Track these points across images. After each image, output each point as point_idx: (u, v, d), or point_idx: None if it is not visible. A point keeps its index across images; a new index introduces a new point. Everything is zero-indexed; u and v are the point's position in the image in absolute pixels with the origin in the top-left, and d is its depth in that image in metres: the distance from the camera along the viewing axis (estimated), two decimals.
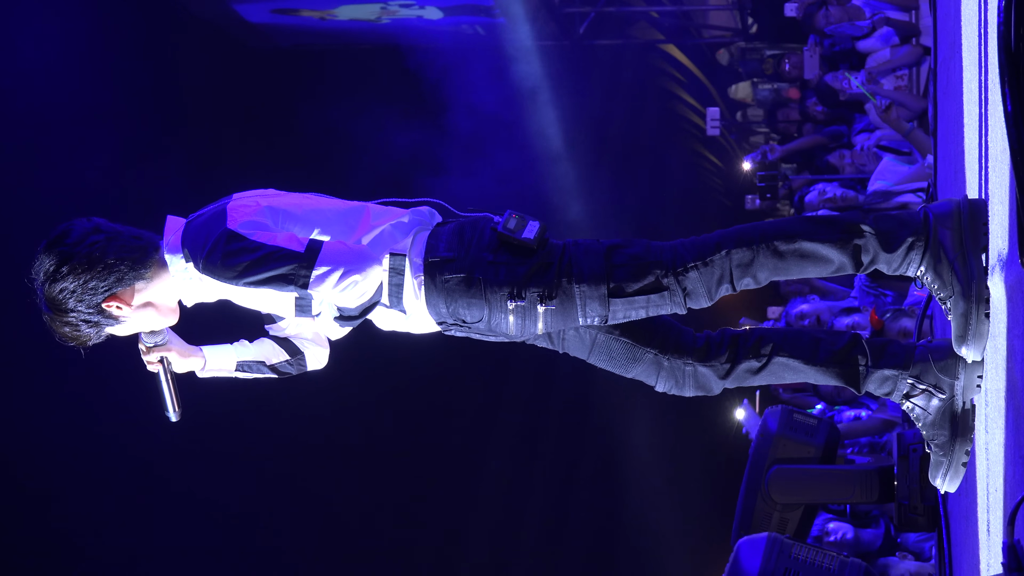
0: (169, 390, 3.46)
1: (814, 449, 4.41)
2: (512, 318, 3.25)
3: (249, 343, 3.58)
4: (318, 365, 3.64)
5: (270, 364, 3.56)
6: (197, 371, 3.52)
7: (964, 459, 3.21)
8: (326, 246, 3.19)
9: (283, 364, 3.58)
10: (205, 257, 3.21)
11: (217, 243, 3.19)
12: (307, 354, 3.60)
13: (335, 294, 3.19)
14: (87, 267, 3.26)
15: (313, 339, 3.61)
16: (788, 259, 3.22)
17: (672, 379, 3.44)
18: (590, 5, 13.66)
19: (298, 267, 3.15)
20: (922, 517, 4.20)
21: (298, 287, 3.16)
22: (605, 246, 3.29)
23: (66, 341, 3.38)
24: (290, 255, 3.16)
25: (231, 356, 3.54)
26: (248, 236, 3.19)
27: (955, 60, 3.89)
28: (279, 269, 3.16)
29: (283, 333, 3.59)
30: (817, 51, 10.43)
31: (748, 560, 4.01)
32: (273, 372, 3.58)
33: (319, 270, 3.15)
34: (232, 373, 3.57)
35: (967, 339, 3.04)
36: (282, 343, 3.59)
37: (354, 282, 3.17)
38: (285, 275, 3.16)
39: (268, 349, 3.57)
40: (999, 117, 2.48)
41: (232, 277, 3.20)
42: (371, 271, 3.19)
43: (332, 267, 3.15)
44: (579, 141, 13.38)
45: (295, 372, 3.62)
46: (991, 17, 2.76)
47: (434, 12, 13.38)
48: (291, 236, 3.22)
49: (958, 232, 3.09)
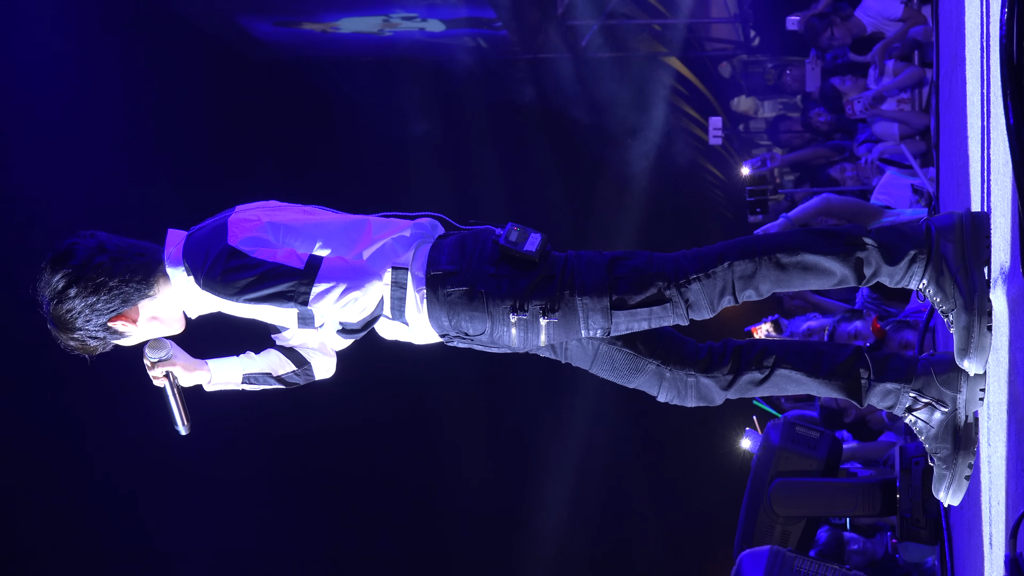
0: (177, 404, 3.44)
1: (816, 462, 4.41)
2: (515, 331, 3.25)
3: (255, 355, 3.58)
4: (325, 375, 3.64)
5: (276, 375, 3.56)
6: (204, 385, 3.52)
7: (967, 472, 3.21)
8: (326, 262, 3.19)
9: (290, 375, 3.58)
10: (205, 273, 3.22)
11: (217, 259, 3.20)
12: (314, 364, 3.60)
13: (336, 310, 3.20)
14: (93, 290, 3.30)
15: (319, 348, 3.61)
16: (790, 271, 3.22)
17: (674, 390, 3.44)
18: (592, 18, 13.67)
19: (298, 284, 3.15)
20: (924, 530, 4.19)
21: (298, 304, 3.17)
22: (607, 258, 3.29)
23: (71, 351, 3.40)
24: (290, 272, 3.16)
25: (237, 369, 3.54)
26: (248, 253, 3.19)
27: (958, 73, 3.89)
28: (279, 287, 3.16)
29: (289, 343, 3.60)
30: (819, 64, 10.45)
31: (751, 573, 4.01)
32: (280, 383, 3.58)
33: (319, 287, 3.15)
34: (239, 386, 3.57)
35: (969, 352, 3.03)
36: (288, 353, 3.59)
37: (354, 299, 3.18)
38: (285, 292, 3.16)
39: (274, 360, 3.57)
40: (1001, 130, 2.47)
41: (232, 294, 3.21)
42: (371, 287, 3.19)
43: (332, 284, 3.16)
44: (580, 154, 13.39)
45: (302, 382, 3.62)
46: (993, 30, 2.76)
47: (436, 24, 13.40)
48: (291, 252, 3.22)
49: (960, 245, 3.08)
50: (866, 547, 6.52)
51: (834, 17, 9.77)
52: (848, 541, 6.54)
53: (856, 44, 9.86)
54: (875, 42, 9.51)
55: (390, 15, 13.24)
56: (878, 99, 8.66)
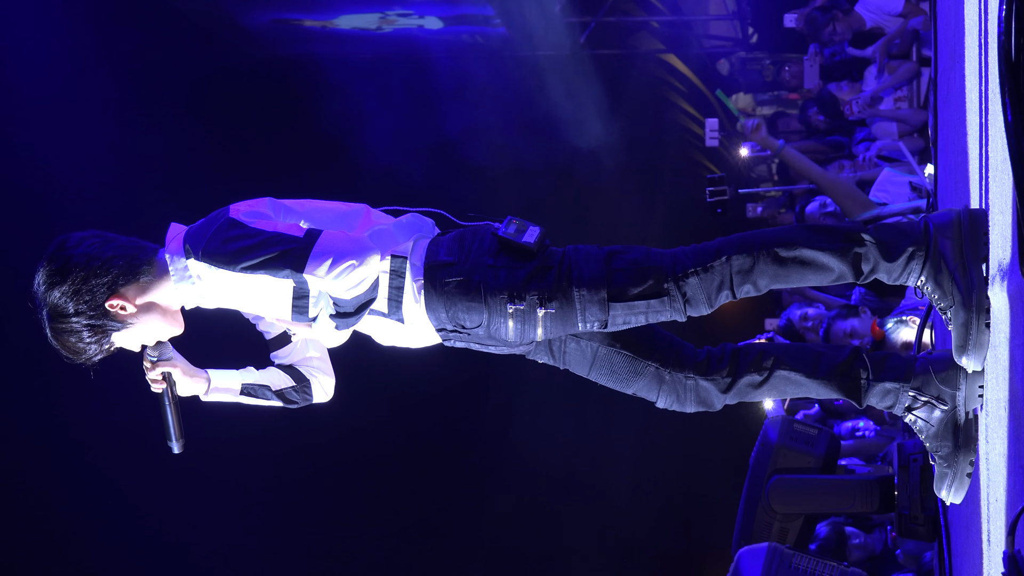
0: (173, 417, 3.41)
1: (814, 459, 4.42)
2: (511, 322, 3.25)
3: (256, 370, 3.57)
4: (324, 396, 3.63)
5: (276, 389, 3.56)
6: (201, 395, 3.50)
7: (969, 470, 3.21)
8: (326, 232, 3.18)
9: (289, 391, 3.57)
10: (205, 244, 3.20)
11: (218, 231, 3.19)
12: (313, 383, 3.59)
13: (330, 281, 3.14)
14: (85, 266, 3.25)
15: (319, 367, 3.60)
16: (788, 266, 3.22)
17: (673, 394, 3.43)
18: (591, 15, 13.68)
19: (295, 250, 3.13)
20: (922, 527, 4.19)
21: (293, 270, 3.14)
22: (605, 251, 3.29)
23: (71, 356, 3.34)
24: (288, 239, 3.15)
25: (236, 379, 3.54)
26: (248, 223, 3.19)
27: (956, 70, 3.89)
28: (275, 250, 3.14)
29: (288, 360, 3.59)
30: (817, 60, 10.44)
31: (749, 570, 4.01)
32: (279, 399, 3.57)
33: (316, 253, 3.12)
34: (237, 397, 3.55)
35: (968, 349, 3.03)
36: (288, 370, 3.59)
37: (351, 266, 3.13)
38: (281, 256, 3.13)
39: (274, 376, 3.57)
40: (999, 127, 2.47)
41: (228, 261, 3.17)
42: (369, 259, 3.16)
43: (329, 251, 3.13)
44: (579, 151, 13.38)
45: (300, 402, 3.61)
46: (991, 27, 2.76)
47: (434, 21, 13.39)
48: (292, 225, 3.22)
49: (959, 242, 3.09)
50: (866, 542, 6.53)
51: (836, 11, 9.78)
52: (849, 536, 6.55)
53: (855, 39, 9.86)
54: (875, 37, 9.52)
55: (388, 12, 13.24)
56: (875, 99, 8.66)
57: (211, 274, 3.25)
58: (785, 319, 8.06)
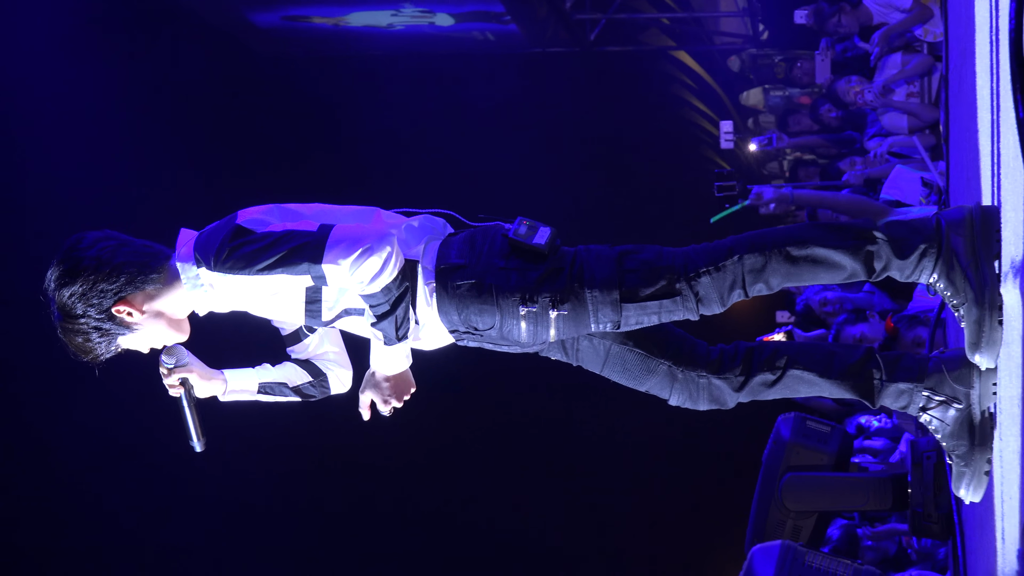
0: (192, 418, 3.41)
1: (827, 456, 4.40)
2: (524, 324, 3.24)
3: (271, 366, 3.56)
4: (342, 388, 3.62)
5: (293, 386, 3.55)
6: (219, 395, 3.50)
7: (986, 468, 3.19)
8: (339, 225, 3.15)
9: (306, 386, 3.56)
10: (215, 253, 3.17)
11: (227, 238, 3.16)
12: (330, 376, 3.58)
13: (349, 268, 3.08)
14: (95, 269, 3.23)
15: (336, 359, 3.59)
16: (800, 264, 3.21)
17: (686, 392, 3.42)
18: (601, 12, 13.68)
19: (310, 243, 3.10)
20: (936, 525, 4.18)
21: (311, 262, 3.09)
22: (617, 251, 3.28)
23: (79, 355, 3.34)
24: (302, 234, 3.12)
25: (253, 378, 3.53)
26: (256, 229, 3.18)
27: (967, 67, 3.88)
28: (291, 245, 3.10)
29: (305, 354, 3.58)
30: (828, 56, 10.42)
31: (762, 568, 4.01)
32: (296, 394, 3.56)
33: (332, 242, 3.08)
34: (254, 396, 3.54)
35: (980, 346, 3.02)
36: (304, 365, 3.57)
37: (368, 249, 3.06)
38: (297, 250, 3.09)
39: (291, 372, 3.56)
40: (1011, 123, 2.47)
41: (243, 267, 3.14)
42: (385, 242, 3.09)
43: (344, 238, 3.09)
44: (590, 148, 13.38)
45: (318, 395, 3.59)
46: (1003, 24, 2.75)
47: (445, 19, 13.40)
48: (304, 222, 3.19)
49: (971, 239, 3.07)
50: (879, 543, 6.52)
51: (844, 4, 9.77)
52: (862, 537, 6.54)
53: (864, 33, 9.84)
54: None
55: (399, 9, 13.25)
56: (887, 89, 8.64)
57: (224, 281, 3.22)
58: (803, 304, 8.03)
